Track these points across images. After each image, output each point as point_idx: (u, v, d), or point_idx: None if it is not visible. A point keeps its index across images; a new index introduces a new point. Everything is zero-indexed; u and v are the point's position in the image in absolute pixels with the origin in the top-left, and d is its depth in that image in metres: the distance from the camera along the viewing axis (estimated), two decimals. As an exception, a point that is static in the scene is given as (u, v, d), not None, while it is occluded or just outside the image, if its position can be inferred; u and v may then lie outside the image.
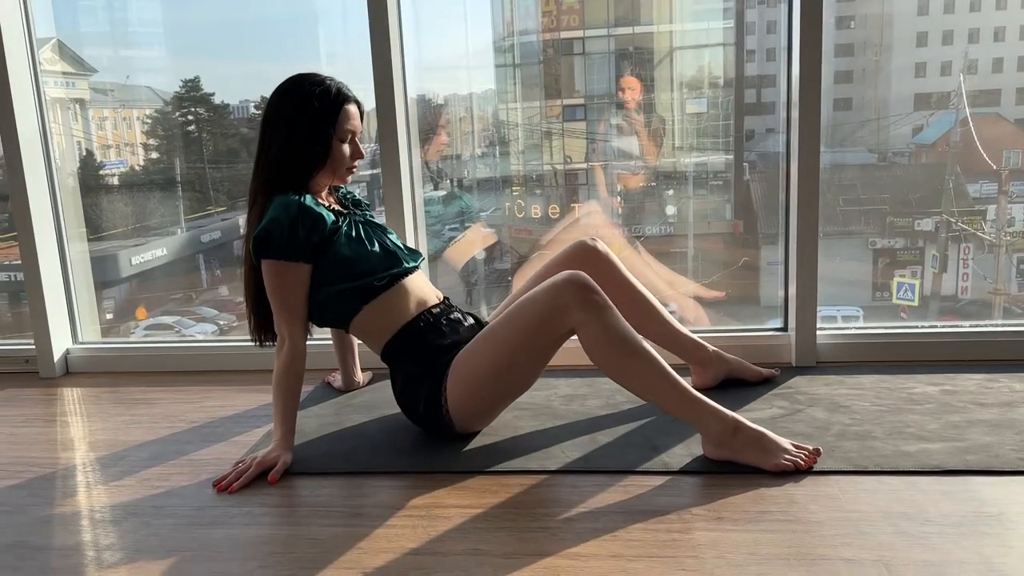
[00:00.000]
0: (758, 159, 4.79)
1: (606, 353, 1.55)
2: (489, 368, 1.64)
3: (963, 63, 5.05)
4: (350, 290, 1.72)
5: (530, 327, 1.60)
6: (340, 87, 1.75)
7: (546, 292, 1.58)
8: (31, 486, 1.66)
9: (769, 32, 4.89)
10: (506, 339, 1.63)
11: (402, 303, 1.75)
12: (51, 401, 2.24)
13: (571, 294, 1.54)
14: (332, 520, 1.44)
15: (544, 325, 1.59)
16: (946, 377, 1.97)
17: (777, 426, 1.69)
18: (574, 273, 1.57)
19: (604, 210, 4.29)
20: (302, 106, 1.71)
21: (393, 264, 1.76)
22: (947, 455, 1.55)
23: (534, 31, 4.80)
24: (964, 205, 4.87)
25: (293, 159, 1.72)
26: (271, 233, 1.67)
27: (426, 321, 1.75)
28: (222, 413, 2.02)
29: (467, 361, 1.66)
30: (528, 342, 1.62)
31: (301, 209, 1.68)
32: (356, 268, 1.72)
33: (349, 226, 1.75)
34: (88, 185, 3.90)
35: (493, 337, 1.65)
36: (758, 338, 2.20)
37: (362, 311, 1.74)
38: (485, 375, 1.65)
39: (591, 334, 1.55)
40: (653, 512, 1.40)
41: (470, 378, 1.65)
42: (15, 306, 4.33)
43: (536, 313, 1.58)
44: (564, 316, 1.55)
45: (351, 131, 1.77)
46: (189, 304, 4.94)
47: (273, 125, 1.74)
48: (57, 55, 3.19)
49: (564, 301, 1.55)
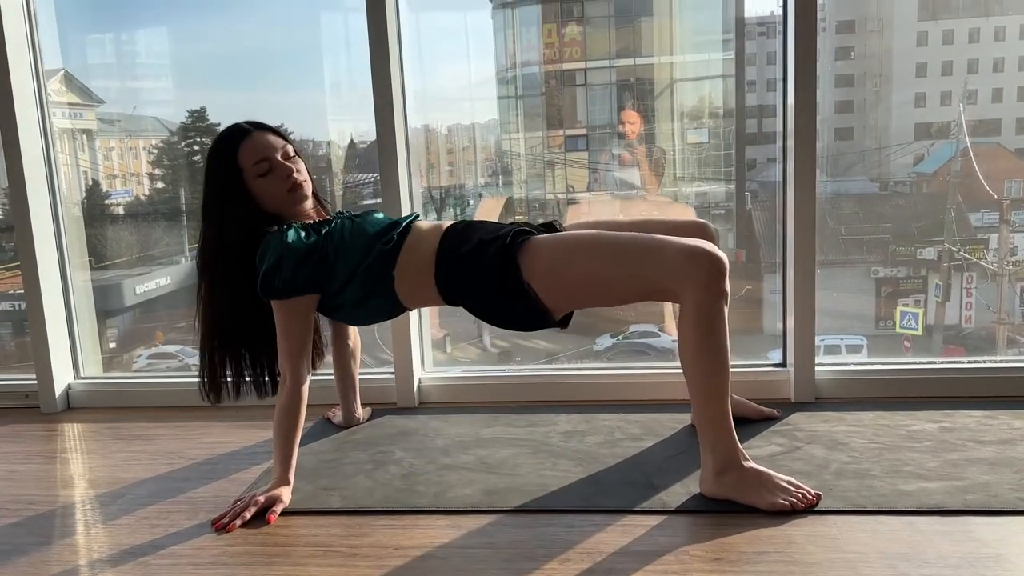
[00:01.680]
0: (760, 188, 4.81)
1: (699, 336, 1.50)
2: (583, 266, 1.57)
3: (963, 93, 5.08)
4: (369, 268, 1.72)
5: (646, 263, 1.52)
6: (231, 131, 1.79)
7: (682, 247, 1.50)
8: (30, 524, 1.66)
9: (769, 63, 4.93)
10: (616, 254, 1.55)
11: (423, 244, 1.72)
12: (51, 437, 2.24)
13: (706, 264, 1.47)
14: (330, 560, 1.44)
15: (661, 272, 1.51)
16: (945, 414, 1.97)
17: (775, 464, 1.69)
18: (717, 252, 1.49)
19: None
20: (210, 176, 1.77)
21: (393, 227, 1.76)
22: (946, 494, 1.54)
23: (536, 63, 4.85)
24: (966, 234, 4.88)
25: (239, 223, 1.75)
26: (266, 275, 1.69)
27: (450, 238, 1.70)
28: (221, 450, 2.02)
29: (554, 249, 1.59)
30: (635, 273, 1.54)
31: (285, 247, 1.70)
32: (361, 251, 1.73)
33: (336, 228, 1.76)
34: (94, 215, 3.93)
35: (601, 243, 1.58)
36: (756, 374, 2.20)
37: (395, 277, 1.71)
38: (576, 271, 1.57)
39: (699, 311, 1.48)
40: (651, 553, 1.40)
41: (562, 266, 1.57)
42: (18, 335, 4.35)
43: (661, 257, 1.51)
44: (685, 279, 1.48)
45: (258, 161, 1.74)
46: (193, 333, 4.96)
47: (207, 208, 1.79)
48: (65, 86, 3.23)
49: (695, 267, 1.47)
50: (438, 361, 2.44)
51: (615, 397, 2.20)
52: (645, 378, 2.23)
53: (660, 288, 1.55)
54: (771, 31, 4.90)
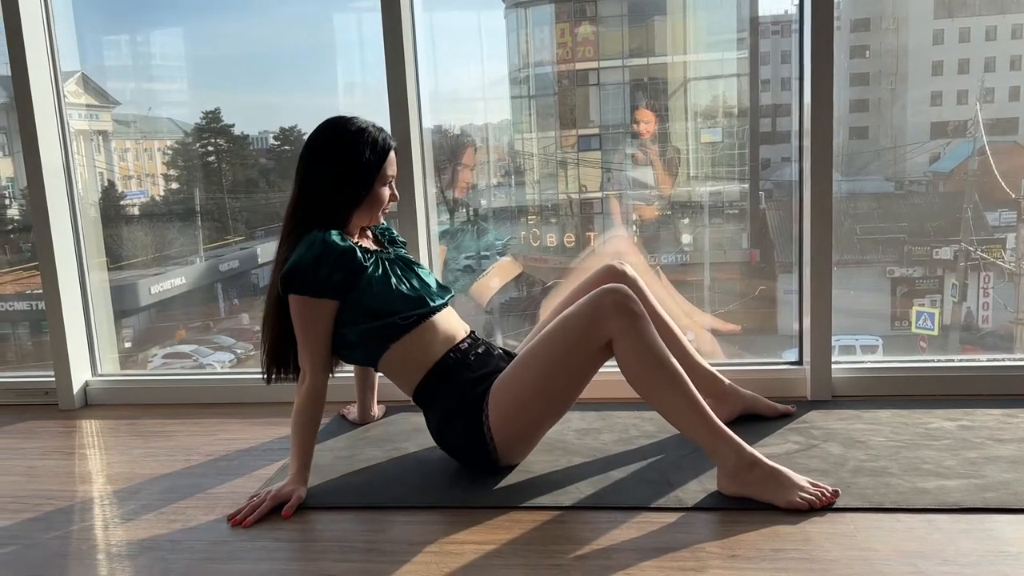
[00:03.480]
0: (774, 188, 4.79)
1: (639, 365, 1.57)
2: (530, 390, 1.65)
3: (979, 92, 5.04)
4: (375, 329, 1.73)
5: (569, 342, 1.61)
6: (385, 135, 1.79)
7: (585, 303, 1.61)
8: (49, 519, 1.68)
9: (783, 62, 4.92)
10: (546, 358, 1.64)
11: (430, 341, 1.75)
12: (70, 434, 2.26)
13: (609, 302, 1.57)
14: (347, 555, 1.44)
15: (583, 337, 1.60)
16: (964, 412, 1.95)
17: (792, 462, 1.68)
18: (612, 284, 1.61)
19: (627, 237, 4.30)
20: (351, 152, 1.74)
21: (419, 304, 1.75)
22: (965, 492, 1.53)
23: (549, 62, 4.85)
24: (983, 233, 4.84)
25: (334, 201, 1.75)
26: (298, 269, 1.68)
27: (455, 358, 1.75)
28: (237, 446, 2.03)
29: (507, 386, 1.67)
30: (568, 357, 1.63)
31: (326, 246, 1.69)
32: (381, 308, 1.72)
33: (377, 264, 1.75)
34: (109, 215, 3.96)
35: (532, 359, 1.66)
36: (773, 371, 2.19)
37: (389, 350, 1.74)
38: (527, 398, 1.65)
39: (627, 344, 1.56)
40: (667, 549, 1.39)
41: (511, 403, 1.65)
42: (36, 335, 4.39)
43: (574, 326, 1.61)
44: (602, 325, 1.57)
45: (392, 176, 1.81)
46: (207, 333, 4.98)
47: (317, 167, 1.75)
48: (82, 88, 3.26)
49: (603, 309, 1.57)
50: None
51: (630, 395, 2.19)
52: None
53: (594, 350, 1.61)
54: (785, 29, 4.89)
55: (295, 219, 1.76)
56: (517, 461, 1.77)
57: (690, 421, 1.56)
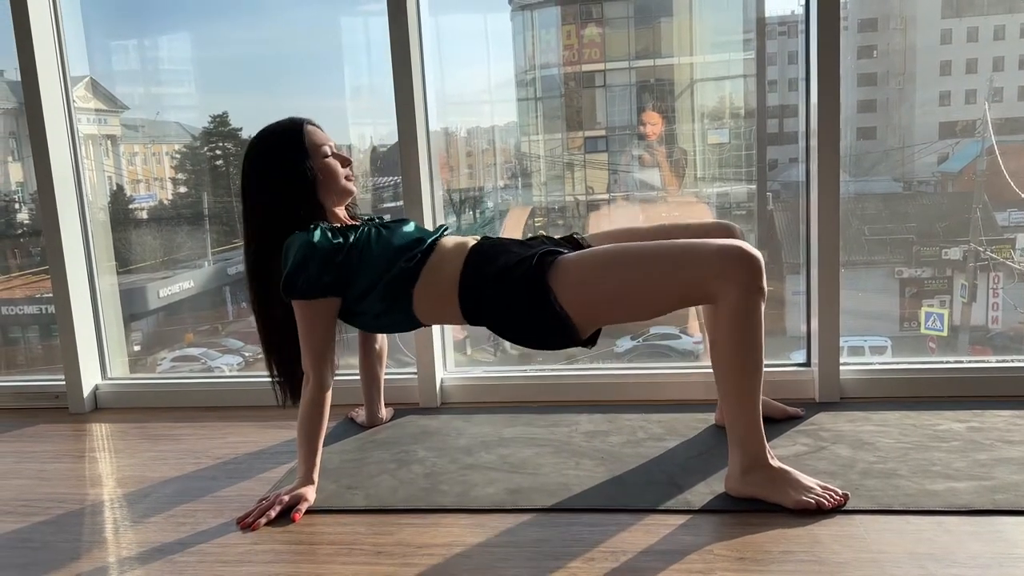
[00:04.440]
0: (782, 189, 4.78)
1: (735, 335, 1.49)
2: (616, 282, 1.55)
3: (988, 91, 5.02)
4: (387, 285, 1.71)
5: (681, 269, 1.51)
6: (289, 122, 1.79)
7: (717, 249, 1.49)
8: (60, 522, 1.69)
9: (791, 62, 4.90)
10: (649, 265, 1.54)
11: (446, 264, 1.71)
12: (80, 437, 2.27)
13: (745, 265, 1.47)
14: (355, 558, 1.45)
15: (698, 276, 1.50)
16: (973, 413, 1.94)
17: (801, 463, 1.68)
18: (753, 253, 1.48)
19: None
20: (269, 155, 1.76)
21: (416, 244, 1.74)
22: (974, 494, 1.52)
23: (555, 64, 4.85)
24: (993, 234, 4.82)
25: (295, 202, 1.75)
26: (290, 275, 1.69)
27: (475, 260, 1.69)
28: (246, 449, 2.04)
29: (591, 266, 1.58)
30: (671, 281, 1.53)
31: (312, 247, 1.69)
32: (384, 264, 1.72)
33: (362, 234, 1.75)
34: (118, 219, 3.98)
35: (632, 256, 1.56)
36: (780, 373, 2.18)
37: (415, 296, 1.71)
38: (608, 287, 1.56)
39: (737, 310, 1.47)
40: (674, 551, 1.39)
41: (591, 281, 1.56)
42: (45, 339, 4.41)
43: (696, 261, 1.50)
44: (724, 281, 1.47)
45: (321, 145, 1.79)
46: (215, 336, 5.00)
47: (255, 185, 1.77)
48: (90, 93, 3.27)
49: (733, 267, 1.47)
50: (459, 362, 2.44)
51: (638, 397, 2.20)
52: (668, 378, 2.22)
53: (699, 292, 1.52)
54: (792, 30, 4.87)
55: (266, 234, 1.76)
56: (599, 327, 1.65)
57: (746, 409, 1.53)
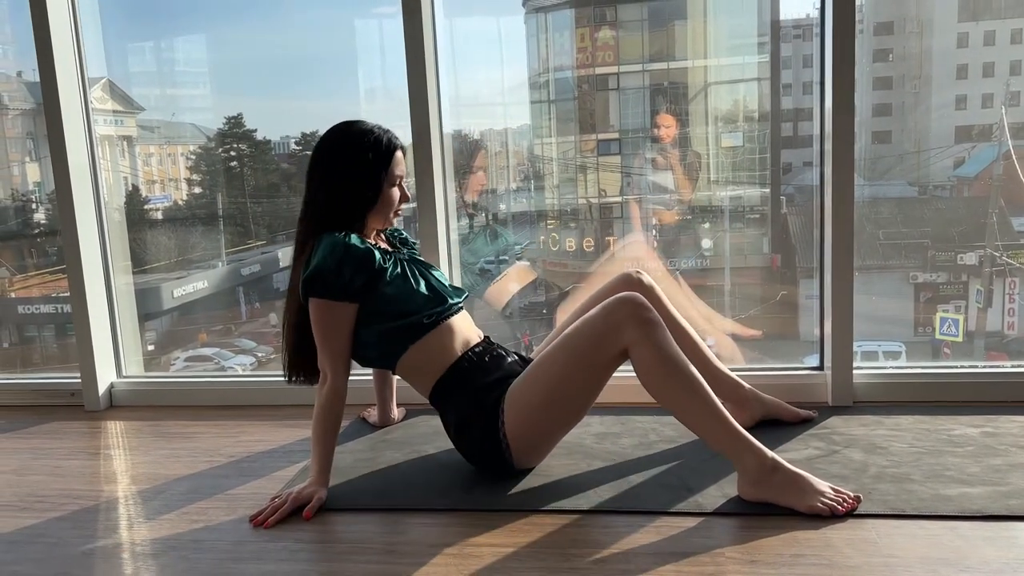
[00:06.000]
0: (796, 192, 4.77)
1: (656, 373, 1.56)
2: (545, 396, 1.65)
3: (1005, 96, 4.98)
4: (396, 329, 1.74)
5: (584, 349, 1.61)
6: (391, 136, 1.80)
7: (600, 312, 1.60)
8: (74, 518, 1.70)
9: (805, 66, 4.89)
10: (562, 364, 1.63)
11: (447, 343, 1.76)
12: (95, 434, 2.29)
13: (625, 312, 1.56)
14: (367, 557, 1.45)
15: (598, 345, 1.59)
16: (987, 419, 1.93)
17: (813, 467, 1.67)
18: (628, 293, 1.60)
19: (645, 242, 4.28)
20: (356, 154, 1.76)
21: (439, 303, 1.77)
22: (988, 500, 1.51)
23: (569, 67, 4.85)
24: (1009, 239, 4.78)
25: (345, 204, 1.77)
26: (319, 273, 1.69)
27: (470, 360, 1.76)
28: (259, 448, 2.05)
29: (523, 391, 1.67)
30: (583, 365, 1.62)
31: (347, 249, 1.70)
32: (402, 307, 1.74)
33: (395, 264, 1.77)
34: (133, 219, 4.01)
35: (548, 365, 1.66)
36: (794, 377, 2.18)
37: (408, 351, 1.75)
38: (542, 403, 1.65)
39: (644, 353, 1.56)
40: (686, 554, 1.39)
41: (527, 408, 1.66)
42: (60, 337, 4.45)
43: (590, 334, 1.60)
44: (618, 334, 1.57)
45: (400, 176, 1.82)
46: (228, 336, 5.03)
47: (325, 171, 1.77)
48: (108, 94, 3.30)
49: (618, 319, 1.57)
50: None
51: (650, 400, 2.19)
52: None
53: (609, 357, 1.61)
54: (807, 34, 4.87)
55: (310, 225, 1.78)
56: (533, 465, 1.77)
57: (710, 427, 1.55)
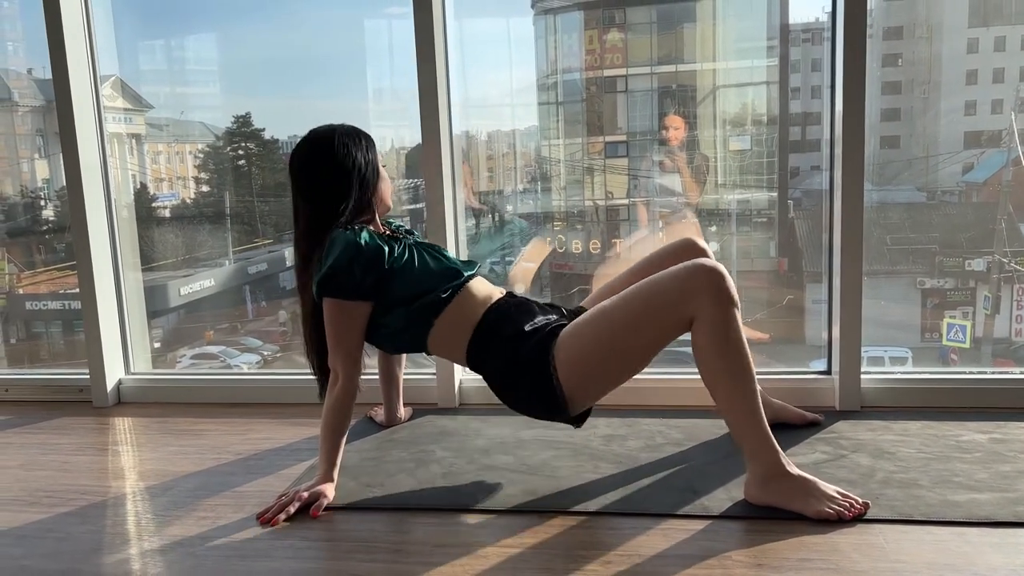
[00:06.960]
0: (803, 196, 4.75)
1: (716, 347, 1.51)
2: (607, 345, 1.59)
3: (1015, 101, 4.96)
4: (416, 310, 1.73)
5: (656, 305, 1.54)
6: (358, 129, 1.85)
7: (678, 273, 1.53)
8: (83, 514, 1.71)
9: (814, 69, 4.88)
10: (629, 316, 1.57)
11: (469, 307, 1.74)
12: (103, 430, 2.30)
13: (705, 281, 1.50)
14: (373, 556, 1.46)
15: (670, 306, 1.53)
16: (996, 425, 1.93)
17: (820, 472, 1.67)
18: (708, 261, 1.53)
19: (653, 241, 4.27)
20: (348, 148, 1.78)
21: (454, 276, 1.77)
22: (996, 506, 1.51)
23: (577, 69, 4.85)
24: (1017, 245, 4.76)
25: (357, 200, 1.79)
26: (333, 273, 1.70)
27: (495, 312, 1.73)
28: (266, 445, 2.06)
29: (579, 339, 1.62)
30: (651, 321, 1.56)
31: (359, 248, 1.71)
32: (420, 286, 1.74)
33: (404, 250, 1.77)
34: (141, 217, 4.02)
35: (612, 314, 1.59)
36: (801, 381, 2.17)
37: (435, 326, 1.74)
38: (600, 352, 1.60)
39: (712, 324, 1.50)
40: (693, 557, 1.39)
41: (583, 356, 1.60)
42: (68, 334, 4.46)
43: (663, 292, 1.54)
44: (691, 300, 1.50)
45: (382, 165, 1.88)
46: (234, 334, 5.04)
47: (326, 173, 1.78)
48: (118, 92, 3.31)
49: (695, 285, 1.50)
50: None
51: (657, 402, 2.20)
52: (687, 383, 2.21)
53: (674, 319, 1.55)
54: (816, 37, 4.86)
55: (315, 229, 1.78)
56: (587, 407, 1.70)
57: (743, 417, 1.53)
